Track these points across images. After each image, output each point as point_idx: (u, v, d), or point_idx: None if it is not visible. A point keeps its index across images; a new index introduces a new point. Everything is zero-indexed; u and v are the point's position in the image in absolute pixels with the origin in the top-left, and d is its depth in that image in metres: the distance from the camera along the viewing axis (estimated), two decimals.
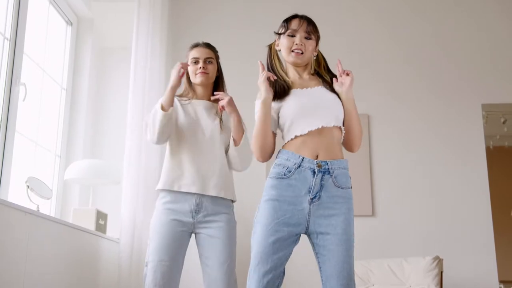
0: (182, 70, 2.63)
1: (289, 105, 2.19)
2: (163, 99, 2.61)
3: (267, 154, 2.22)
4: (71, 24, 4.15)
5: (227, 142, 2.70)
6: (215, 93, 2.67)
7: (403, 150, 4.56)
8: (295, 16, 2.31)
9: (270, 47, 2.36)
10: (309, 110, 2.17)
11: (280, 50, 2.31)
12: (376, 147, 4.56)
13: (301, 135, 2.16)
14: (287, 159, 2.15)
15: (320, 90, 2.25)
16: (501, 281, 4.56)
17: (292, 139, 2.18)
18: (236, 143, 2.64)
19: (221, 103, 2.62)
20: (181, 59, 2.84)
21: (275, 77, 2.23)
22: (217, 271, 2.54)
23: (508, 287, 6.46)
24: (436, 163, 4.51)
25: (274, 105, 2.22)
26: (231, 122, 2.66)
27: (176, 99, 2.73)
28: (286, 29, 2.28)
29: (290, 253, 2.15)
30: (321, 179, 2.12)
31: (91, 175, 3.54)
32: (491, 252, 4.27)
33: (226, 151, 2.70)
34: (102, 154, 4.17)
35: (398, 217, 4.41)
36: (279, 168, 2.16)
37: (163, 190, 2.64)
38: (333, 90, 2.26)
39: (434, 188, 4.46)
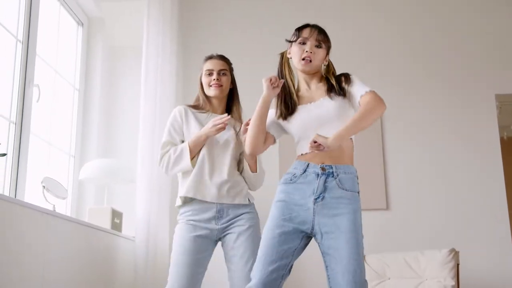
0: (222, 125, 2.61)
1: (293, 124, 2.32)
2: (193, 143, 2.63)
3: (256, 147, 2.36)
4: (82, 24, 4.17)
5: (239, 152, 2.74)
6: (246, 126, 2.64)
7: (416, 142, 4.53)
8: (306, 25, 2.37)
9: (282, 55, 2.43)
10: (311, 129, 2.26)
11: (291, 58, 2.39)
12: (389, 141, 4.54)
13: (306, 153, 2.28)
14: (295, 167, 2.29)
15: (323, 103, 2.29)
16: None
17: (300, 154, 2.32)
18: (252, 169, 2.69)
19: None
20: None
21: (280, 84, 2.33)
22: (241, 270, 2.54)
23: None
24: (450, 155, 4.48)
25: (282, 122, 2.36)
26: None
27: (190, 111, 2.75)
28: (298, 37, 2.34)
29: (298, 248, 2.22)
30: (325, 181, 2.21)
31: (106, 174, 3.57)
32: (507, 243, 4.24)
33: (238, 162, 2.75)
34: (115, 153, 4.20)
35: (413, 210, 4.39)
36: (287, 175, 2.30)
37: (182, 205, 2.68)
38: (339, 94, 2.28)
39: (448, 180, 4.43)
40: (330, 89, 2.30)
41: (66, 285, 2.83)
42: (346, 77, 2.32)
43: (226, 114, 2.66)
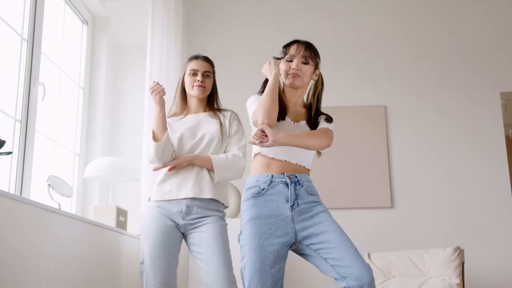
0: (162, 91, 2.69)
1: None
2: (154, 126, 2.68)
3: (272, 117, 2.24)
4: (87, 23, 4.18)
5: (223, 147, 2.77)
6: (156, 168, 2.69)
7: (421, 140, 4.53)
8: (294, 42, 2.37)
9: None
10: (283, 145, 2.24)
11: (281, 75, 2.37)
12: (393, 139, 4.54)
13: (265, 156, 2.26)
14: (257, 180, 2.26)
15: (302, 127, 2.33)
16: None
17: (258, 154, 2.29)
18: (213, 179, 2.68)
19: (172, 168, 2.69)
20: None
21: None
22: (213, 264, 2.53)
23: None
24: (455, 153, 4.47)
25: None
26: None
27: (169, 120, 2.79)
28: (285, 55, 2.35)
29: (284, 266, 2.20)
30: (295, 189, 2.22)
31: (110, 172, 3.57)
32: None
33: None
34: (120, 151, 4.20)
35: (418, 208, 4.38)
36: (252, 189, 2.25)
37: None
38: (315, 126, 2.33)
39: (454, 178, 4.42)
40: (309, 120, 2.36)
41: (71, 283, 2.84)
42: (328, 118, 2.37)
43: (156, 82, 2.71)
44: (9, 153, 2.56)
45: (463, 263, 3.64)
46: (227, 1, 4.95)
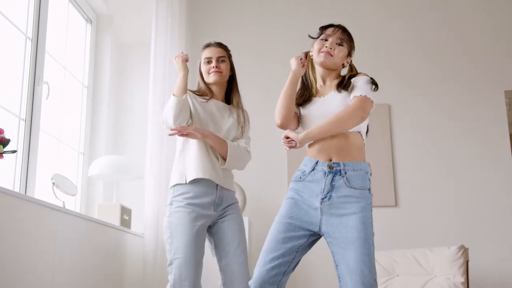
0: (185, 56, 2.72)
1: (304, 115, 2.34)
2: (174, 90, 2.66)
3: (286, 117, 2.29)
4: (91, 21, 4.18)
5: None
6: (172, 132, 2.64)
7: (425, 139, 4.52)
8: (331, 25, 2.39)
9: (306, 54, 2.42)
10: (317, 119, 2.28)
11: (312, 56, 2.38)
12: (397, 137, 4.53)
13: (313, 142, 2.30)
14: (305, 164, 2.30)
15: (331, 97, 2.30)
16: None
17: (309, 145, 2.33)
18: (220, 163, 2.66)
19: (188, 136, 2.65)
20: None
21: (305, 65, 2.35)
22: (237, 260, 2.58)
23: None
24: (459, 152, 4.46)
25: (298, 109, 2.38)
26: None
27: (193, 96, 2.75)
28: (321, 34, 2.36)
29: (303, 246, 2.22)
30: (332, 180, 2.20)
31: (114, 171, 3.58)
32: None
33: None
34: (124, 150, 4.21)
35: (422, 207, 4.37)
36: (298, 172, 2.31)
37: (182, 184, 2.64)
38: (344, 87, 2.29)
39: (457, 177, 4.41)
40: (340, 83, 2.31)
41: (75, 281, 2.85)
42: (360, 75, 2.32)
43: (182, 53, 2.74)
44: (14, 151, 2.57)
45: (467, 261, 3.63)
46: (230, 0, 4.94)
